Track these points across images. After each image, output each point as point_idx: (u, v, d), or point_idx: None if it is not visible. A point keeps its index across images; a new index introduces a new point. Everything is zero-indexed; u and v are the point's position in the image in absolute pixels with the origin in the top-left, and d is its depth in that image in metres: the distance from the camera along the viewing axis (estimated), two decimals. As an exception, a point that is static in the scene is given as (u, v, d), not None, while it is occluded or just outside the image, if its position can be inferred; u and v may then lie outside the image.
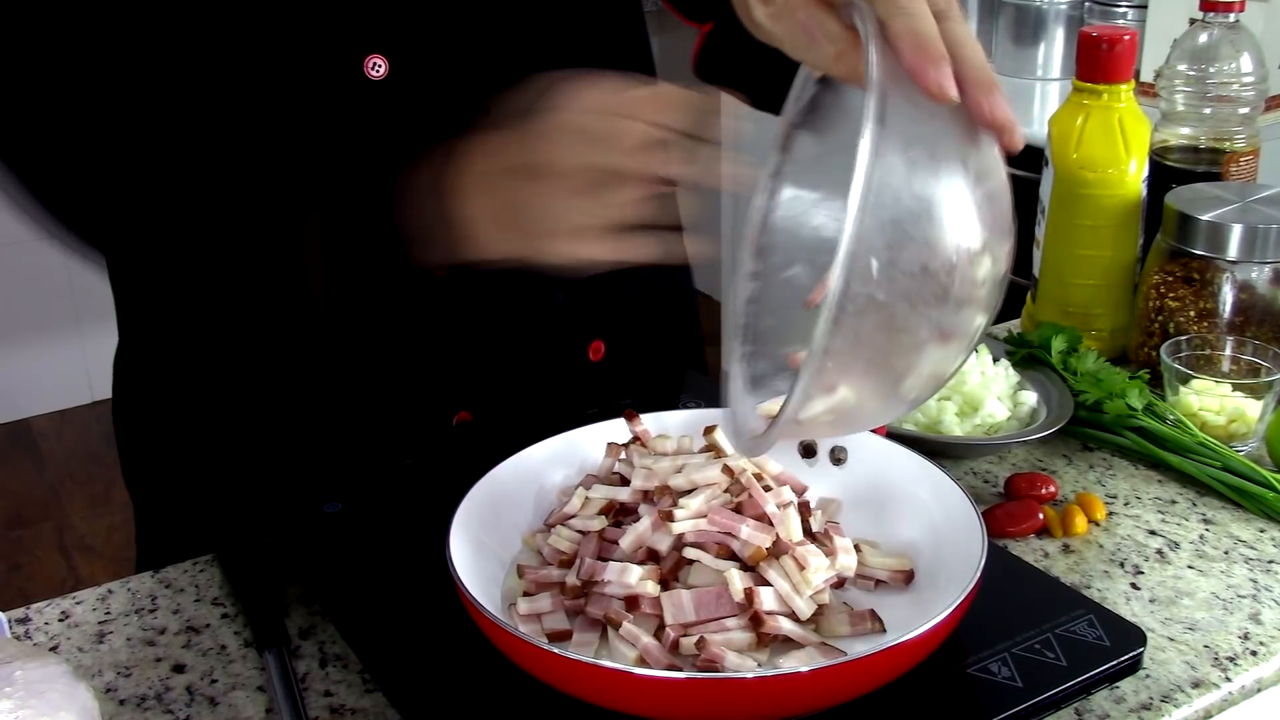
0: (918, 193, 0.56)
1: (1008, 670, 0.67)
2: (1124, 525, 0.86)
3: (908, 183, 0.56)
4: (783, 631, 0.67)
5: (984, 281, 0.58)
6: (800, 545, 0.70)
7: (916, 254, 0.56)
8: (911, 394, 0.61)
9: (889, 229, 0.55)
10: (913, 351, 0.58)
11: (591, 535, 0.73)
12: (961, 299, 0.58)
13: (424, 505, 0.78)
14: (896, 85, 0.57)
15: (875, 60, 0.56)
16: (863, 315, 0.56)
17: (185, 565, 0.83)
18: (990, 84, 0.59)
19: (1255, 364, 0.97)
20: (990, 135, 0.60)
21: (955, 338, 0.59)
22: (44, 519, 2.80)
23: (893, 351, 0.58)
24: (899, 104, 0.56)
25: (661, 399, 0.90)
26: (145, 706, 0.71)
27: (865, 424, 0.69)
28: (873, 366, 0.58)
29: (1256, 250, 0.98)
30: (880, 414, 0.66)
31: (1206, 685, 0.70)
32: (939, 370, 0.61)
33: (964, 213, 0.57)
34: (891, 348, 0.58)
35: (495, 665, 0.66)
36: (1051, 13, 2.24)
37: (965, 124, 0.59)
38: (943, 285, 0.57)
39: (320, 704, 0.70)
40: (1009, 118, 0.59)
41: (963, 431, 0.95)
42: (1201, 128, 1.12)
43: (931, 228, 0.56)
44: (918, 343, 0.58)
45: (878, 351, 0.58)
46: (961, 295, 0.57)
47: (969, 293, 0.58)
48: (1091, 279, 1.07)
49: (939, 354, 0.59)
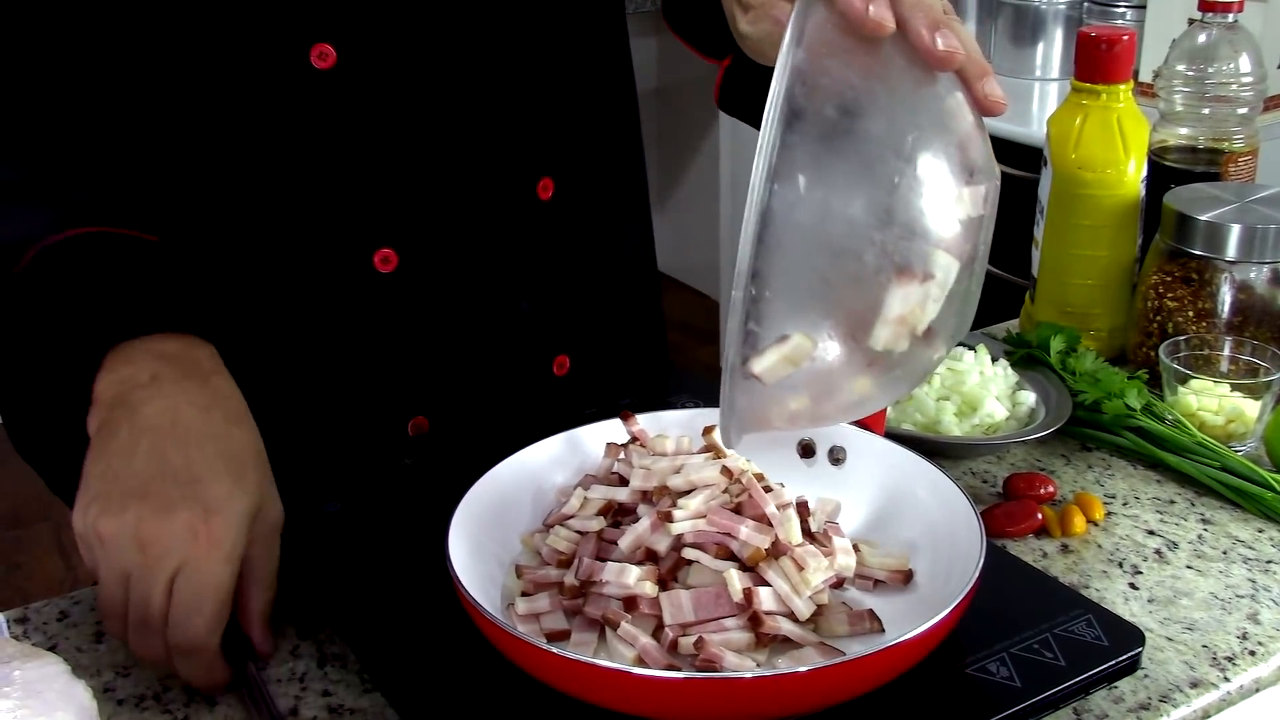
0: (850, 111, 0.55)
1: (1006, 670, 0.67)
2: (1122, 525, 0.86)
3: (840, 103, 0.55)
4: (782, 632, 0.67)
5: (936, 210, 0.56)
6: (799, 546, 0.70)
7: (847, 171, 0.54)
8: (885, 346, 0.58)
9: (814, 144, 0.54)
10: (866, 284, 0.56)
11: (590, 535, 0.73)
12: (910, 225, 0.55)
13: (423, 505, 0.78)
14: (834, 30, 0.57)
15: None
16: (790, 229, 0.54)
17: (184, 565, 0.83)
18: (937, 20, 0.59)
19: (1254, 364, 0.97)
20: (951, 79, 0.60)
21: (917, 274, 0.56)
22: (42, 519, 2.79)
23: (840, 282, 0.56)
24: (830, 34, 0.56)
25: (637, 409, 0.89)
26: (143, 706, 0.71)
27: (846, 392, 0.63)
28: (822, 301, 0.56)
29: (1255, 250, 0.98)
30: (855, 376, 0.61)
31: (1205, 685, 0.70)
32: (912, 317, 0.57)
33: (901, 136, 0.56)
34: (837, 275, 0.55)
35: (494, 665, 0.66)
36: (1050, 13, 2.25)
37: (920, 69, 0.59)
38: (883, 205, 0.55)
39: (318, 704, 0.70)
40: (959, 49, 0.59)
41: (961, 431, 0.95)
42: (1200, 128, 1.12)
43: (866, 147, 0.55)
44: (866, 272, 0.55)
45: (822, 281, 0.55)
46: (909, 220, 0.55)
47: (917, 219, 0.56)
48: (1090, 279, 1.07)
49: (903, 292, 0.56)
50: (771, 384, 0.58)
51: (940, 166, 0.57)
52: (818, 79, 0.55)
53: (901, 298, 0.57)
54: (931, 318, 0.58)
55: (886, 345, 0.58)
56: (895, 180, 0.55)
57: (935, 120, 0.58)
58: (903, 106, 0.58)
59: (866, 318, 0.57)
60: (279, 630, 0.75)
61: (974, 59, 0.60)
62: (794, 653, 0.67)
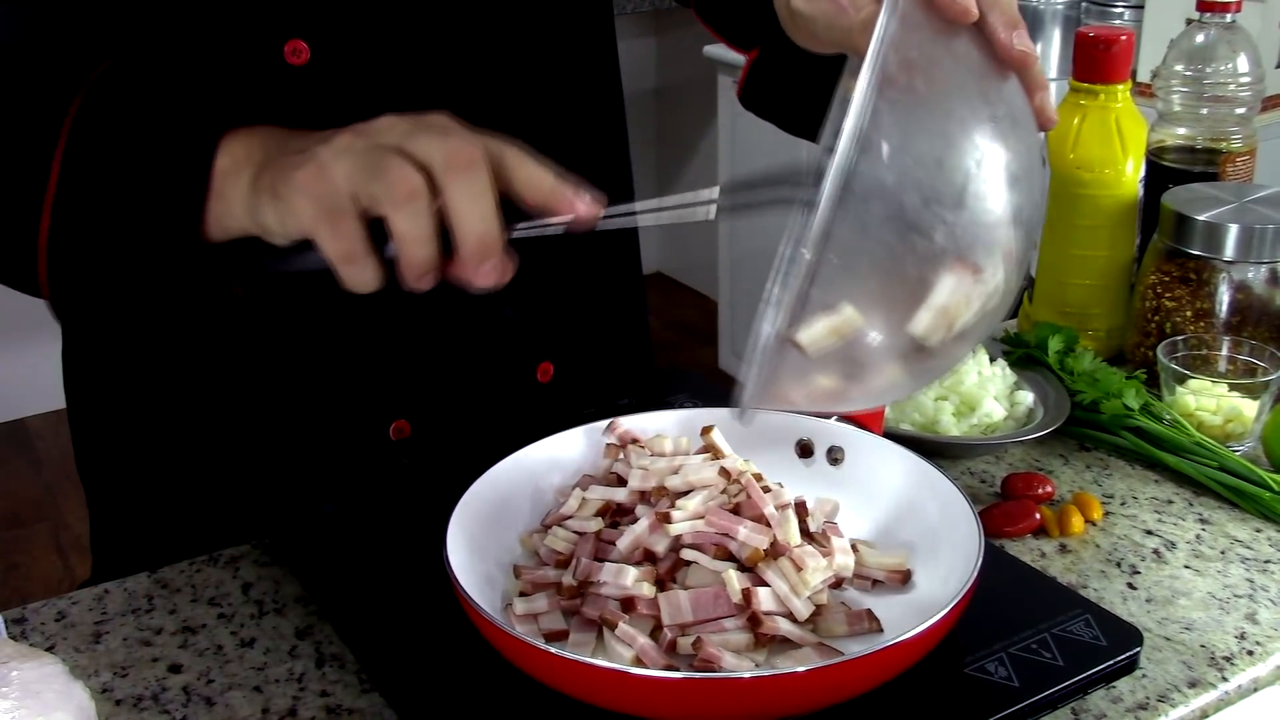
0: (937, 87, 0.56)
1: (1005, 670, 0.67)
2: (1121, 525, 0.86)
3: (926, 79, 0.55)
4: (780, 632, 0.67)
5: (1006, 205, 0.57)
6: (798, 546, 0.70)
7: (931, 147, 0.54)
8: (923, 333, 0.57)
9: (902, 113, 0.54)
10: (927, 264, 0.55)
11: (588, 536, 0.73)
12: (980, 213, 0.55)
13: (421, 505, 0.78)
14: (919, 9, 0.57)
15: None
16: (869, 200, 0.53)
17: (181, 565, 0.83)
18: (1014, 19, 0.61)
19: (1252, 364, 0.97)
20: (1017, 83, 0.61)
21: (970, 264, 0.56)
22: (40, 519, 2.79)
23: (904, 258, 0.55)
24: (916, 13, 0.56)
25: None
26: (142, 706, 0.71)
27: (875, 377, 0.62)
28: (882, 275, 0.55)
29: (1253, 250, 0.98)
30: (888, 362, 0.60)
31: (1203, 685, 0.70)
32: (954, 308, 0.57)
33: (980, 125, 0.56)
34: (903, 251, 0.55)
35: (492, 665, 0.66)
36: (1048, 13, 2.25)
37: (993, 67, 0.60)
38: (958, 187, 0.55)
39: (317, 704, 0.70)
40: (1032, 52, 0.60)
41: (960, 431, 0.95)
42: (1198, 128, 1.12)
43: (949, 123, 0.55)
44: (932, 252, 0.55)
45: (888, 253, 0.54)
46: (977, 211, 0.55)
47: (988, 209, 0.56)
48: (1088, 279, 1.07)
49: (955, 280, 0.56)
50: (812, 355, 0.57)
51: (1014, 161, 0.57)
52: (909, 51, 0.55)
53: (952, 286, 0.56)
54: (971, 315, 0.58)
55: (925, 332, 0.57)
56: (975, 165, 0.55)
57: (1012, 115, 0.59)
58: (983, 95, 0.59)
59: (914, 300, 0.56)
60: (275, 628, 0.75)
61: (1038, 70, 0.62)
62: (792, 653, 0.67)
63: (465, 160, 0.60)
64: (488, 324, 0.92)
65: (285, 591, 0.80)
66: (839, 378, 0.60)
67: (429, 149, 0.60)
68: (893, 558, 0.75)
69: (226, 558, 0.84)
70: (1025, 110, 0.61)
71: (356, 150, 0.61)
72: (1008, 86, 0.61)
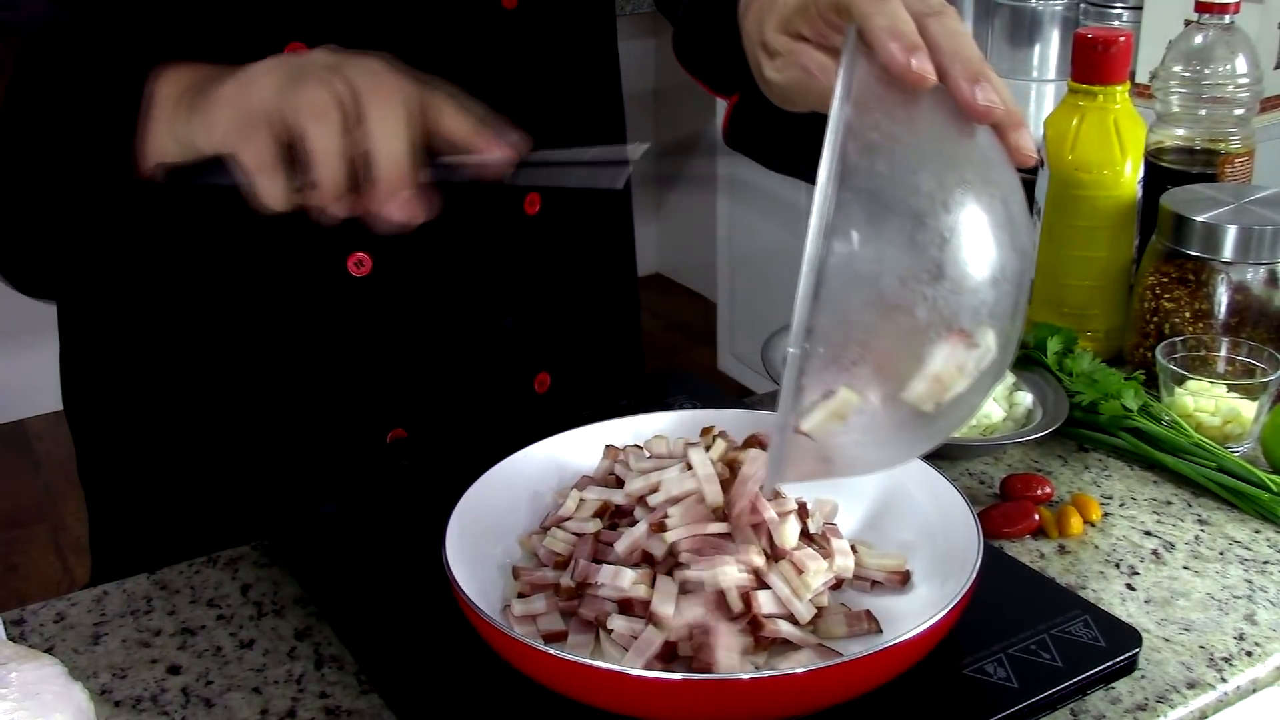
0: (900, 166, 0.56)
1: (1003, 671, 0.67)
2: (1119, 526, 0.86)
3: (888, 160, 0.56)
4: (782, 634, 0.67)
5: (985, 267, 0.57)
6: (797, 549, 0.70)
7: (900, 226, 0.55)
8: (916, 401, 0.59)
9: (866, 200, 0.55)
10: (915, 339, 0.56)
11: (587, 537, 0.73)
12: (960, 281, 0.56)
13: (420, 506, 0.78)
14: (878, 83, 0.57)
15: (851, 41, 0.58)
16: (845, 285, 0.54)
17: (180, 566, 0.83)
18: (976, 73, 0.60)
19: (1250, 365, 0.97)
20: (988, 131, 0.60)
21: (962, 332, 0.57)
22: (39, 520, 2.79)
23: (891, 337, 0.56)
24: (874, 88, 0.57)
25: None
26: (141, 708, 0.70)
27: (888, 448, 0.64)
28: (871, 356, 0.57)
29: (1251, 251, 0.98)
30: (896, 433, 0.62)
31: (1202, 686, 0.70)
32: (948, 377, 0.58)
33: (949, 192, 0.57)
34: (888, 330, 0.56)
35: (492, 667, 0.66)
36: (1047, 14, 2.25)
37: (960, 120, 0.60)
38: (933, 261, 0.55)
39: (316, 705, 0.70)
40: (998, 103, 0.60)
41: (958, 432, 0.95)
42: (1197, 129, 1.12)
43: (917, 199, 0.56)
44: (917, 327, 0.56)
45: (871, 334, 0.56)
46: (958, 276, 0.56)
47: (967, 275, 0.57)
48: (1087, 280, 1.07)
49: (948, 349, 0.57)
50: (819, 439, 0.59)
51: (990, 219, 0.58)
52: (867, 134, 0.56)
53: (945, 355, 0.58)
54: (966, 380, 0.59)
55: (919, 401, 0.59)
56: (948, 234, 0.56)
57: (983, 174, 0.59)
58: (949, 161, 0.59)
59: (908, 373, 0.58)
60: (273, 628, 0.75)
61: (1009, 111, 0.61)
62: (791, 654, 0.67)
63: (388, 91, 0.60)
64: (486, 334, 0.92)
65: (284, 593, 0.80)
66: (851, 451, 0.62)
67: (355, 75, 0.60)
68: (891, 559, 0.75)
69: (225, 559, 0.84)
70: (999, 159, 0.61)
71: (283, 69, 0.61)
72: (977, 141, 0.60)
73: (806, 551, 0.70)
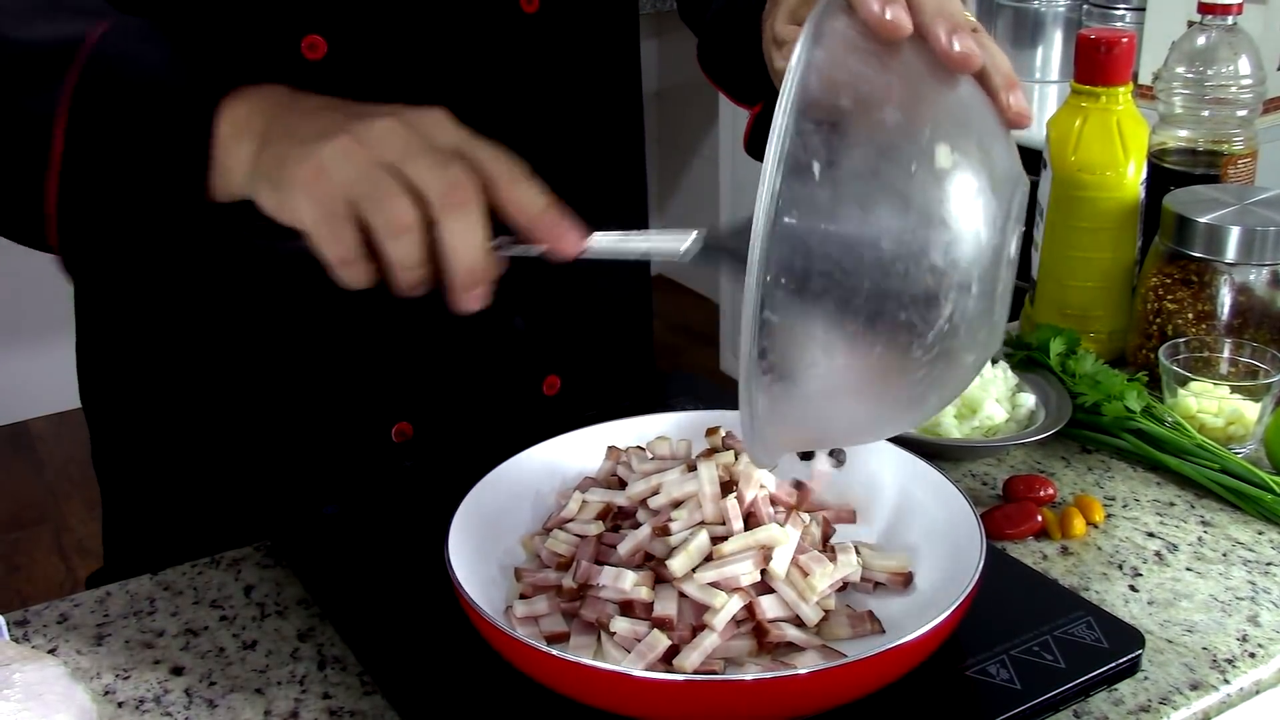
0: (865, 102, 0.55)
1: (1006, 672, 0.67)
2: (1122, 527, 0.86)
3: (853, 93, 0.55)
4: (787, 638, 0.67)
5: (954, 201, 0.56)
6: (803, 553, 0.70)
7: (863, 155, 0.54)
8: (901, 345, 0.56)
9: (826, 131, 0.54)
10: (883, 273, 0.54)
11: (590, 539, 0.73)
12: (928, 213, 0.55)
13: (422, 507, 0.78)
14: (856, 37, 0.57)
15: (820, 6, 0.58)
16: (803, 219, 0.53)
17: (184, 568, 0.83)
18: (958, 25, 0.59)
19: (1253, 366, 0.97)
20: (972, 85, 0.60)
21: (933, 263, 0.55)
22: (42, 521, 2.79)
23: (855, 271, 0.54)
24: (849, 35, 0.57)
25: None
26: (143, 709, 0.71)
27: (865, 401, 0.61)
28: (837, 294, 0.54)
29: (1254, 252, 0.98)
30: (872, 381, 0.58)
31: (1205, 687, 0.70)
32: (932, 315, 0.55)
33: (919, 127, 0.56)
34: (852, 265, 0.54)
35: (494, 667, 0.66)
36: (1049, 15, 2.25)
37: (943, 76, 0.59)
38: (900, 191, 0.54)
39: (319, 706, 0.70)
40: (977, 52, 0.59)
41: (961, 434, 0.95)
42: (1199, 130, 1.12)
43: (881, 135, 0.55)
44: (883, 260, 0.54)
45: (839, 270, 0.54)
46: (925, 208, 0.55)
47: (934, 208, 0.55)
48: (1090, 281, 1.07)
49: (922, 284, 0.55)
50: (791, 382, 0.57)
51: (958, 160, 0.56)
52: (833, 72, 0.55)
53: (922, 290, 0.55)
54: (947, 315, 0.56)
55: (902, 345, 0.56)
56: (911, 167, 0.55)
57: (953, 118, 0.58)
58: (920, 103, 0.58)
59: (883, 309, 0.55)
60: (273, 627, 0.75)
61: (1000, 69, 0.61)
62: (794, 655, 0.67)
63: (460, 197, 0.61)
64: (496, 334, 0.92)
65: (287, 594, 0.80)
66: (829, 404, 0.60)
67: (427, 179, 0.61)
68: (894, 560, 0.75)
69: (228, 560, 0.84)
70: (981, 109, 0.60)
71: (357, 162, 0.62)
72: (959, 91, 0.59)
73: (812, 555, 0.70)
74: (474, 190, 0.62)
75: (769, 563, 0.68)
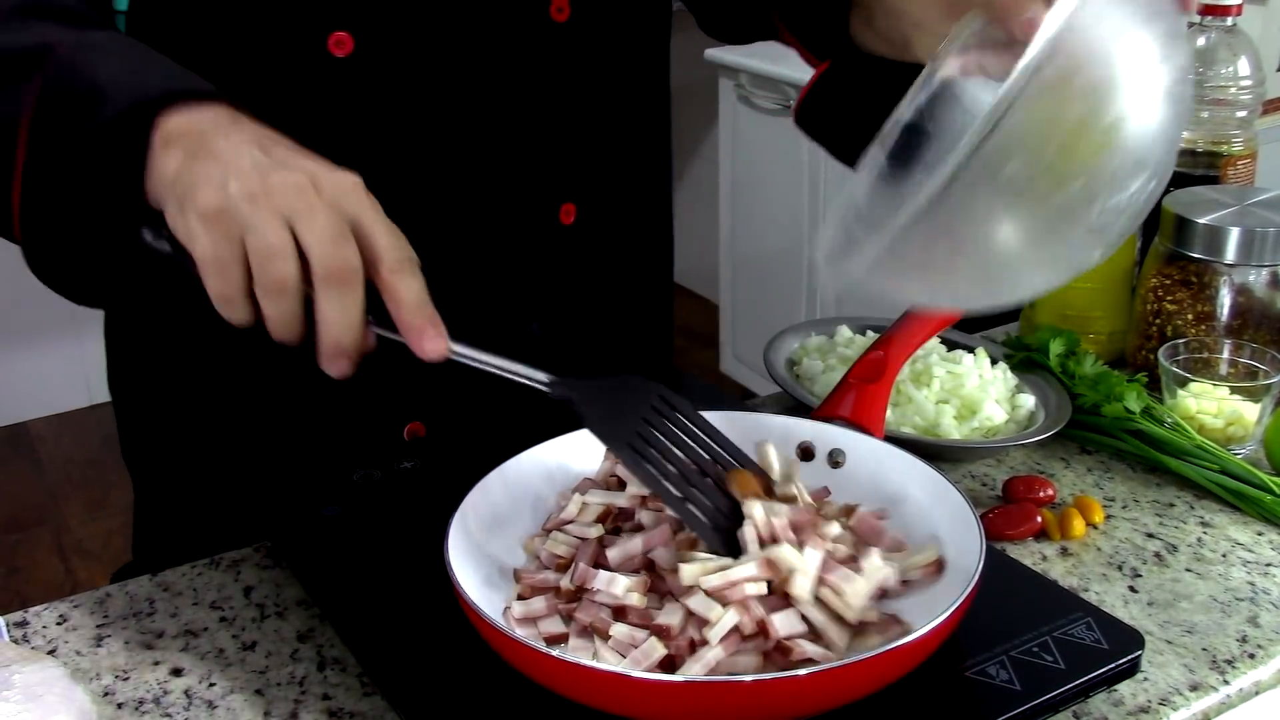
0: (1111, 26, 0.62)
1: (1006, 673, 0.67)
2: (1122, 528, 0.86)
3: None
4: (807, 654, 0.65)
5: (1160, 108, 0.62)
6: (829, 572, 0.68)
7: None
8: (1074, 198, 0.61)
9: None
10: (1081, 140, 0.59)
11: (590, 542, 0.73)
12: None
13: (422, 509, 0.78)
14: None
15: None
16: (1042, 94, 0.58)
17: (184, 569, 0.83)
18: None
19: (1253, 367, 0.97)
20: None
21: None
22: (42, 522, 2.79)
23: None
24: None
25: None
26: (143, 710, 0.71)
27: (1029, 243, 0.63)
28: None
29: (1254, 253, 0.98)
30: (1042, 221, 0.62)
31: (1204, 688, 0.70)
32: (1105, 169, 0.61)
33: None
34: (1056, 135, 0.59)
35: (494, 668, 0.66)
36: (1049, 16, 2.24)
37: None
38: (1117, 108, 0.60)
39: (319, 707, 0.70)
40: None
41: (961, 434, 0.95)
42: (1199, 131, 1.12)
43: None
44: (1094, 136, 0.59)
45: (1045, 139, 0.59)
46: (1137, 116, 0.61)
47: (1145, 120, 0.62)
48: (1089, 282, 1.07)
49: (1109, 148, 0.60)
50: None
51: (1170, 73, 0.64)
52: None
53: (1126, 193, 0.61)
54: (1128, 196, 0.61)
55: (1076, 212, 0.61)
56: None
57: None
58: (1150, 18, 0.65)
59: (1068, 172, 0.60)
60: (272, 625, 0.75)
61: None
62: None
63: (341, 275, 0.63)
64: (512, 340, 0.92)
65: (287, 595, 0.80)
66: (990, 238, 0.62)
67: (315, 249, 0.62)
68: (923, 554, 0.71)
69: (228, 561, 0.84)
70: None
71: (259, 211, 0.63)
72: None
73: (840, 572, 0.68)
74: (357, 271, 0.63)
75: (788, 585, 0.66)
